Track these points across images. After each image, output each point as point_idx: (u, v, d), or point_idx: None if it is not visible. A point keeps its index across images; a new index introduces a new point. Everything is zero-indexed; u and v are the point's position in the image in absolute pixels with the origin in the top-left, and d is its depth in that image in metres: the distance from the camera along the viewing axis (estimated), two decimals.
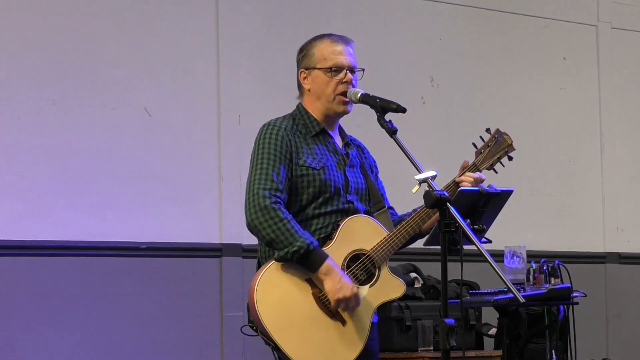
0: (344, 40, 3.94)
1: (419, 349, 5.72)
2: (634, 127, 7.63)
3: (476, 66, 7.04)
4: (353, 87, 3.88)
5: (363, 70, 3.95)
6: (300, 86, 3.96)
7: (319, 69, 3.88)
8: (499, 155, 3.99)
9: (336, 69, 3.87)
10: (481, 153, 3.98)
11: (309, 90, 3.91)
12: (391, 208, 4.11)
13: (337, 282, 3.69)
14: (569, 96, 7.39)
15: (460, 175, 3.91)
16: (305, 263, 3.69)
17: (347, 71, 3.88)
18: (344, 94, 3.88)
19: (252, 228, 3.73)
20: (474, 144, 4.01)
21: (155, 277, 5.75)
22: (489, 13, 7.11)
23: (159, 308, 5.74)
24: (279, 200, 3.72)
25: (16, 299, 5.40)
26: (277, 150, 3.79)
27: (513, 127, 7.01)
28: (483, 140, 4.01)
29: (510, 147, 4.00)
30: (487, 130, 4.03)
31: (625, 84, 7.61)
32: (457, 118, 6.89)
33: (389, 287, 3.83)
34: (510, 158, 4.00)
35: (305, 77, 3.92)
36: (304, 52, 3.94)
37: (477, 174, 3.91)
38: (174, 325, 5.77)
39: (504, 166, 4.02)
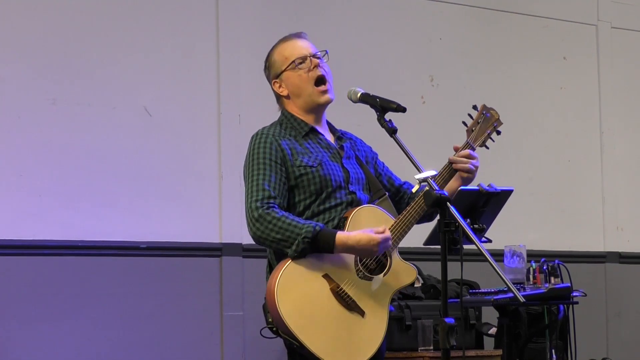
0: (295, 35, 3.98)
1: (419, 348, 5.72)
2: (634, 126, 7.63)
3: (476, 66, 7.04)
4: (324, 70, 3.90)
5: (326, 52, 3.96)
6: (278, 97, 3.98)
7: (285, 69, 3.90)
8: (489, 131, 4.02)
9: (299, 61, 3.89)
10: (472, 130, 4.00)
11: (288, 96, 3.93)
12: (405, 182, 4.12)
13: (360, 244, 3.70)
14: (569, 96, 7.39)
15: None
16: (319, 247, 3.70)
17: (310, 57, 3.90)
18: (321, 81, 3.89)
19: (258, 239, 3.74)
20: (464, 122, 4.02)
21: (155, 277, 5.75)
22: (489, 13, 7.11)
23: (159, 308, 5.74)
24: (270, 204, 3.73)
25: (16, 299, 5.40)
26: (266, 157, 3.80)
27: (513, 126, 7.04)
28: (471, 117, 4.03)
29: (499, 122, 4.04)
30: (474, 107, 4.05)
31: (625, 84, 7.61)
32: (457, 117, 6.87)
33: (401, 273, 3.85)
34: (498, 132, 4.03)
35: (280, 86, 3.94)
36: (267, 64, 3.97)
37: (466, 151, 3.92)
38: (174, 325, 5.77)
39: (494, 141, 4.03)
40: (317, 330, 3.69)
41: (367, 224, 3.80)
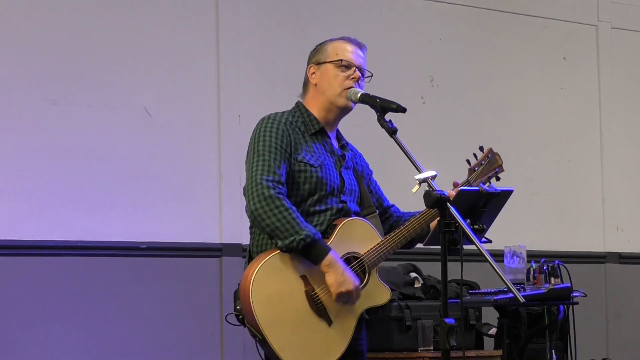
0: (358, 43, 4.01)
1: (419, 348, 5.72)
2: (634, 127, 7.63)
3: (476, 66, 7.04)
4: (359, 87, 3.91)
5: (372, 75, 3.98)
6: (306, 82, 3.98)
7: (330, 62, 3.91)
8: (489, 174, 4.04)
9: (346, 65, 3.90)
10: (474, 171, 4.03)
11: (315, 85, 3.93)
12: (392, 206, 4.13)
13: (339, 275, 3.71)
14: (569, 96, 7.39)
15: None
16: (309, 254, 3.70)
17: (356, 68, 3.91)
18: (350, 89, 3.90)
19: (255, 217, 3.72)
20: (467, 161, 4.04)
21: (155, 277, 5.75)
22: (489, 13, 7.11)
23: (159, 308, 5.74)
24: (282, 191, 3.73)
25: (16, 299, 5.40)
26: (277, 143, 3.80)
27: (513, 127, 7.05)
28: (476, 157, 4.05)
29: (501, 168, 4.07)
30: (481, 148, 4.07)
31: (625, 84, 7.61)
32: (457, 118, 6.89)
33: (375, 293, 3.86)
34: (498, 179, 4.05)
35: (313, 73, 3.95)
36: (317, 48, 3.99)
37: None
38: (174, 325, 5.77)
39: (491, 185, 4.05)
40: (282, 327, 3.69)
41: (355, 237, 3.83)
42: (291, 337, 3.69)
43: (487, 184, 4.05)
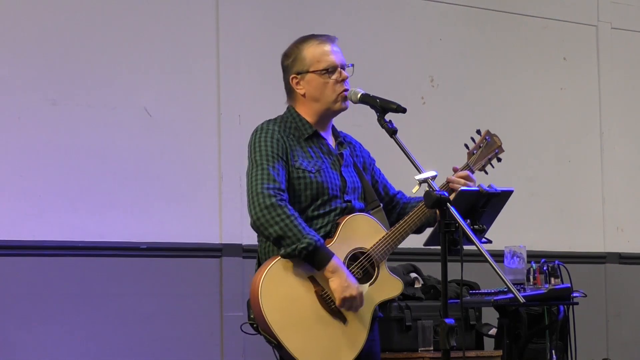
0: (330, 38, 3.94)
1: (419, 349, 5.72)
2: (634, 127, 7.63)
3: (476, 66, 7.04)
4: (347, 85, 3.90)
5: (352, 65, 3.95)
6: (291, 91, 3.93)
7: (313, 72, 3.88)
8: (489, 157, 4.03)
9: (331, 70, 3.88)
10: (473, 154, 4.02)
11: (304, 95, 3.90)
12: (399, 192, 4.12)
13: (343, 281, 3.70)
14: (569, 96, 7.39)
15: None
16: (311, 260, 3.69)
17: (340, 69, 3.89)
18: (344, 91, 3.89)
19: (259, 226, 3.72)
20: (465, 145, 4.03)
21: (155, 277, 5.75)
22: (489, 13, 7.10)
23: (159, 308, 5.74)
24: (283, 198, 3.72)
25: (16, 299, 5.40)
26: (273, 151, 3.79)
27: (513, 127, 7.05)
28: (474, 141, 4.04)
29: (500, 149, 4.05)
30: (478, 131, 4.06)
31: (625, 84, 7.61)
32: (457, 118, 6.89)
33: (387, 285, 3.84)
34: (499, 159, 4.04)
35: (297, 82, 3.90)
36: (292, 57, 3.92)
37: (465, 172, 3.93)
38: (174, 325, 5.77)
39: (493, 167, 4.04)
40: (297, 330, 3.68)
41: (359, 232, 3.81)
42: (307, 338, 3.68)
43: (489, 166, 4.04)
